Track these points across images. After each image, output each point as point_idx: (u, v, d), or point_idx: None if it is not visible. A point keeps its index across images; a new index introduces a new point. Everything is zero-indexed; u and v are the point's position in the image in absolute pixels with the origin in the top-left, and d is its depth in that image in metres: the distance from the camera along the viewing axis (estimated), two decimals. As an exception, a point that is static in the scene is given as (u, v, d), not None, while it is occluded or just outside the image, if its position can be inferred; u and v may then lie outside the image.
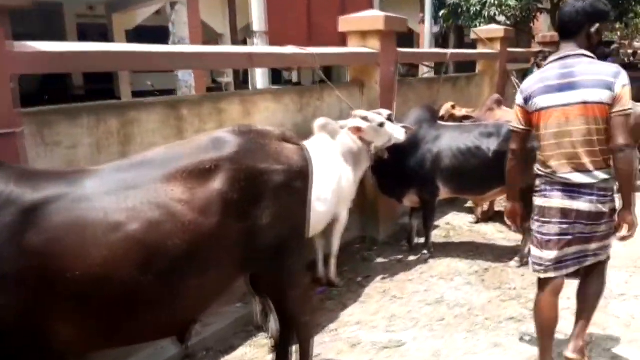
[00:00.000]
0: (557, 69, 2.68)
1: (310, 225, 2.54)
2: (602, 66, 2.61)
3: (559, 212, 2.72)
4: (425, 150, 4.73)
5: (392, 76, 5.09)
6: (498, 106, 5.69)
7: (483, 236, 5.60)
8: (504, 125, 4.65)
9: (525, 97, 2.79)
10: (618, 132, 2.53)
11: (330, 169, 3.90)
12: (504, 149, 4.18)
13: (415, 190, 4.82)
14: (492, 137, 4.64)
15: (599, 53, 2.76)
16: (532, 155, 3.04)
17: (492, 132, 4.67)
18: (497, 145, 4.56)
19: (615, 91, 2.52)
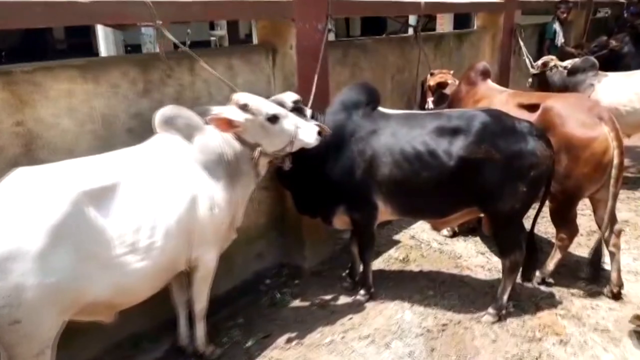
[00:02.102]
0: None
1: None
2: None
3: None
4: (355, 151, 3.16)
5: (317, 37, 3.48)
6: (482, 79, 4.02)
7: (455, 260, 4.06)
8: (476, 116, 3.05)
9: None
10: None
11: (173, 188, 2.43)
12: (476, 154, 2.92)
13: (345, 208, 3.29)
14: (457, 136, 3.01)
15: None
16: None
17: (458, 126, 3.04)
18: (464, 149, 2.97)
19: None
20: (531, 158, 2.95)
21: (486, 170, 2.94)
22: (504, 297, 3.27)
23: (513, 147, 2.94)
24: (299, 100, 3.03)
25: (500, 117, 3.06)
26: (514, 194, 2.97)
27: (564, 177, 3.36)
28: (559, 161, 3.32)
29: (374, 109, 3.27)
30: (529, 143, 2.96)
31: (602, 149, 3.26)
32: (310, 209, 3.35)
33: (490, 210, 3.10)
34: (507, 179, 2.95)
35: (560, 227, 3.58)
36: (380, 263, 4.03)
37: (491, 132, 2.97)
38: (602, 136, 3.26)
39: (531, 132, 3.01)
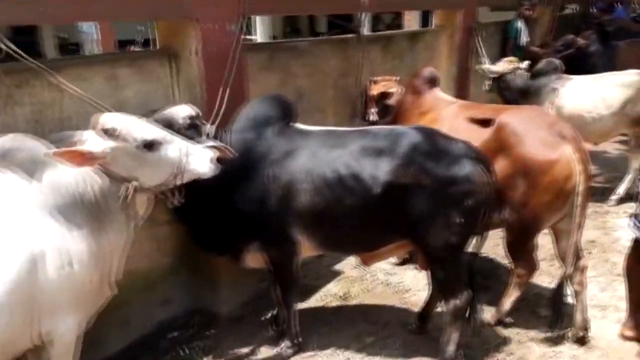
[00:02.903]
0: None
1: None
2: None
3: None
4: (269, 176, 2.61)
5: (228, 40, 2.89)
6: (429, 88, 3.48)
7: (402, 296, 3.55)
8: (405, 134, 2.58)
9: None
10: None
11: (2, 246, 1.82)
12: (404, 178, 2.50)
13: (259, 245, 2.72)
14: (383, 157, 2.55)
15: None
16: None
17: (384, 146, 2.57)
18: (391, 172, 2.51)
19: None
20: (466, 184, 2.52)
21: (415, 196, 2.52)
22: (450, 347, 2.76)
23: (446, 171, 2.52)
24: (196, 115, 2.45)
25: (431, 136, 2.62)
26: (447, 225, 2.54)
27: (521, 205, 2.88)
28: (515, 187, 2.87)
29: (289, 125, 2.71)
30: (465, 167, 2.53)
31: (565, 174, 2.78)
32: (215, 246, 2.77)
33: (423, 244, 2.66)
34: (439, 208, 2.53)
35: (517, 261, 3.10)
36: (316, 301, 3.49)
37: (421, 153, 2.54)
38: (564, 158, 2.78)
39: (467, 155, 2.57)
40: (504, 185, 2.88)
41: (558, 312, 2.98)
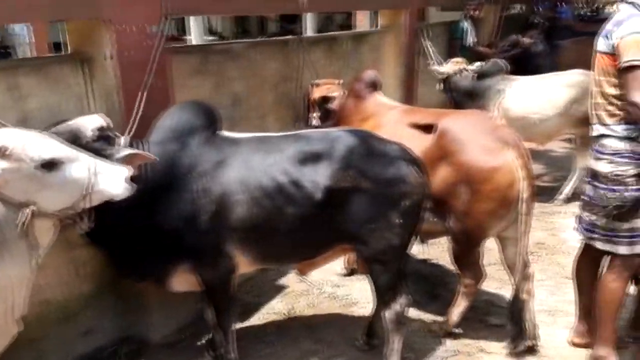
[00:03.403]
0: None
1: None
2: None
3: None
4: (197, 191, 2.39)
5: (148, 43, 2.64)
6: (371, 92, 3.33)
7: (349, 309, 3.39)
8: (340, 138, 2.50)
9: None
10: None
11: None
12: (343, 182, 2.42)
13: (189, 265, 2.49)
14: (321, 161, 2.44)
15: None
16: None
17: (321, 151, 2.46)
18: (330, 177, 2.41)
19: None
20: (403, 185, 2.49)
21: (354, 200, 2.45)
22: (393, 358, 2.67)
23: (383, 173, 2.48)
24: (106, 126, 2.20)
25: (367, 139, 2.57)
26: (386, 227, 2.50)
27: (465, 214, 2.78)
28: (458, 195, 2.78)
29: (216, 134, 2.51)
30: (401, 168, 2.50)
31: (507, 181, 2.69)
32: (135, 270, 2.52)
33: (363, 247, 2.56)
34: (378, 210, 2.48)
35: (463, 270, 3.00)
36: (258, 319, 3.29)
37: (358, 156, 2.48)
38: (506, 165, 2.69)
39: (402, 156, 2.54)
40: (447, 194, 2.80)
41: (518, 325, 2.89)
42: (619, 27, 2.38)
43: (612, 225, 2.53)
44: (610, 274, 2.61)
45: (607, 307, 2.64)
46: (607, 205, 2.52)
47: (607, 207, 2.52)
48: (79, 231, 2.06)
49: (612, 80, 2.45)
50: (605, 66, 2.47)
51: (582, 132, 4.79)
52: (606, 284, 2.62)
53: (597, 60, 2.52)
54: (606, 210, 2.53)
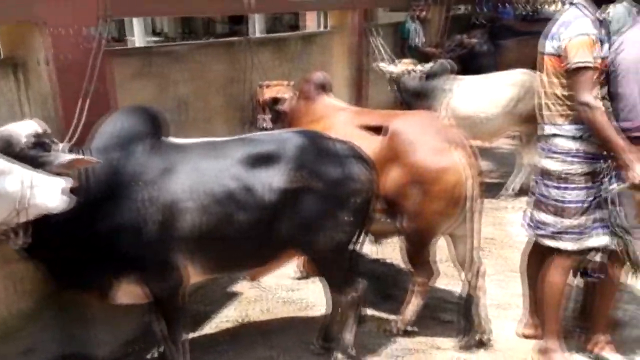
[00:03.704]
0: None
1: None
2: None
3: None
4: (143, 200, 2.29)
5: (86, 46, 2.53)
6: (320, 93, 3.31)
7: (305, 312, 3.37)
8: (290, 139, 2.51)
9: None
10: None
11: None
12: (296, 183, 2.41)
13: (136, 277, 2.40)
14: (272, 164, 2.42)
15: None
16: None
17: (271, 152, 2.44)
18: (283, 179, 2.40)
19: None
20: (353, 184, 2.53)
21: (307, 201, 2.45)
22: (349, 335, 2.80)
23: (334, 172, 2.51)
24: (42, 133, 2.08)
25: (316, 139, 2.60)
26: (338, 226, 2.54)
27: (415, 214, 2.81)
28: (408, 196, 2.81)
29: (162, 140, 2.43)
30: (350, 167, 2.54)
31: (456, 181, 2.75)
32: (78, 284, 2.40)
33: (314, 247, 2.59)
34: (330, 209, 2.51)
35: (415, 269, 3.04)
36: (211, 328, 3.22)
37: (309, 156, 2.49)
38: (454, 165, 2.75)
39: (352, 154, 2.59)
40: (398, 194, 2.83)
41: (469, 320, 2.95)
42: (565, 29, 2.44)
43: (560, 223, 2.60)
44: (553, 269, 2.69)
45: (551, 300, 2.73)
46: (556, 203, 2.60)
47: (556, 205, 2.60)
48: (13, 247, 1.94)
49: (561, 82, 2.51)
50: (552, 68, 2.53)
51: (527, 130, 4.96)
52: (550, 279, 2.70)
53: (544, 62, 2.58)
54: (555, 208, 2.60)
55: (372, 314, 3.28)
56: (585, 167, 2.52)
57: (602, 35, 2.45)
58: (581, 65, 2.36)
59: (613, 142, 2.36)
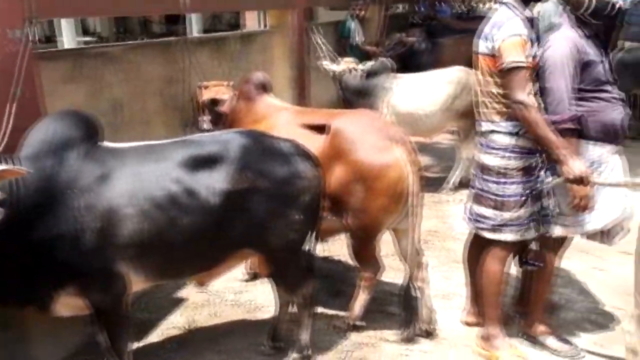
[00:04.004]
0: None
1: None
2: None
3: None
4: (79, 208, 2.20)
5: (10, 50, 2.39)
6: (261, 93, 3.30)
7: (254, 314, 3.35)
8: (233, 139, 2.48)
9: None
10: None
11: None
12: (240, 184, 2.39)
13: (75, 288, 2.30)
14: (215, 165, 2.38)
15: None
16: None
17: (214, 154, 2.40)
18: (226, 180, 2.36)
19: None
20: (300, 181, 2.53)
21: (254, 201, 2.43)
22: (305, 335, 2.80)
23: (280, 171, 2.50)
24: None
25: (260, 138, 2.59)
26: (288, 225, 2.54)
27: (360, 211, 2.85)
28: (353, 193, 2.84)
29: (97, 145, 2.34)
30: (296, 165, 2.54)
31: (398, 177, 2.80)
32: (13, 298, 2.27)
33: (266, 248, 2.58)
34: (279, 208, 2.50)
35: (362, 264, 3.08)
36: (157, 336, 3.13)
37: (253, 156, 2.47)
38: (396, 162, 2.81)
39: (297, 152, 2.58)
40: (343, 192, 2.86)
41: (410, 311, 3.01)
42: (498, 30, 2.52)
43: (500, 216, 2.69)
44: (491, 259, 2.79)
45: (490, 288, 2.83)
46: (495, 197, 2.69)
47: (496, 199, 2.69)
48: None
49: (495, 80, 2.59)
50: (487, 67, 2.61)
51: (464, 125, 5.13)
52: (488, 268, 2.81)
53: (479, 62, 2.65)
54: (494, 202, 2.70)
55: (322, 312, 3.30)
56: (522, 161, 2.62)
57: (532, 34, 2.55)
58: (514, 65, 2.45)
59: (547, 139, 2.46)
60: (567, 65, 2.52)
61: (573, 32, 2.58)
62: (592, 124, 2.62)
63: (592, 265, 3.85)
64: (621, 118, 2.67)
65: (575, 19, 2.61)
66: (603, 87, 2.63)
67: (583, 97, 2.61)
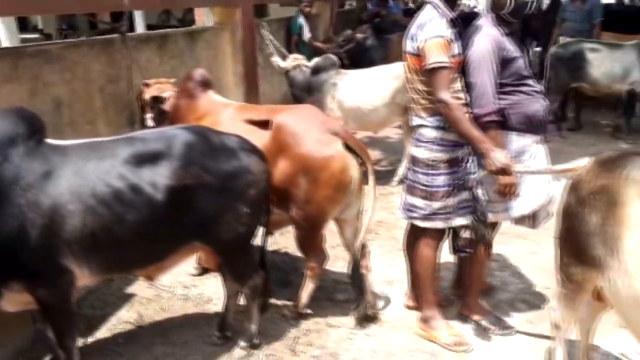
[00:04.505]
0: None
1: None
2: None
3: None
4: (23, 205, 2.22)
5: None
6: (203, 91, 3.35)
7: (203, 307, 3.41)
8: (177, 135, 2.53)
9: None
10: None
11: None
12: (186, 180, 2.45)
13: (22, 284, 2.32)
14: (160, 161, 2.44)
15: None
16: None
17: (158, 150, 2.46)
18: (171, 176, 2.42)
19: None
20: (247, 176, 2.63)
21: (200, 196, 2.51)
22: (253, 325, 2.94)
23: (226, 166, 2.57)
24: None
25: (205, 134, 2.64)
26: (236, 218, 2.63)
27: (305, 202, 2.95)
28: (298, 185, 2.93)
29: (41, 143, 2.36)
30: (243, 160, 2.63)
31: (340, 168, 2.92)
32: None
33: (215, 242, 2.67)
34: (226, 203, 2.58)
35: (308, 255, 3.18)
36: (105, 332, 3.15)
37: (198, 152, 2.53)
38: (338, 154, 2.92)
39: (242, 147, 2.67)
40: (288, 185, 2.94)
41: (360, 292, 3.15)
42: (422, 30, 2.64)
43: (429, 206, 2.84)
44: (424, 246, 2.95)
45: (425, 273, 3.00)
46: (425, 188, 2.84)
47: (425, 189, 2.84)
48: None
49: (420, 78, 2.72)
50: (414, 65, 2.74)
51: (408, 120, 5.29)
52: (421, 254, 2.97)
53: (407, 60, 2.79)
54: (424, 193, 2.85)
55: (272, 302, 3.38)
56: (449, 154, 2.78)
57: (455, 34, 2.69)
58: (436, 65, 2.57)
59: (469, 135, 2.61)
60: (490, 62, 2.69)
61: (494, 30, 2.74)
62: (515, 116, 2.81)
63: (528, 250, 4.08)
64: (542, 110, 2.86)
65: (495, 18, 2.77)
66: (524, 81, 2.82)
67: (506, 91, 2.78)
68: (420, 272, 3.01)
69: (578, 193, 2.21)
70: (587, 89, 6.82)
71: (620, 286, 2.00)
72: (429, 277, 3.00)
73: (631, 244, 1.97)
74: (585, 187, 2.18)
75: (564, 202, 2.32)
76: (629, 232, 1.98)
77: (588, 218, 2.13)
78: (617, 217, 2.02)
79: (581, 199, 2.18)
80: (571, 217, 2.25)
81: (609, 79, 6.60)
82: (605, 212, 2.06)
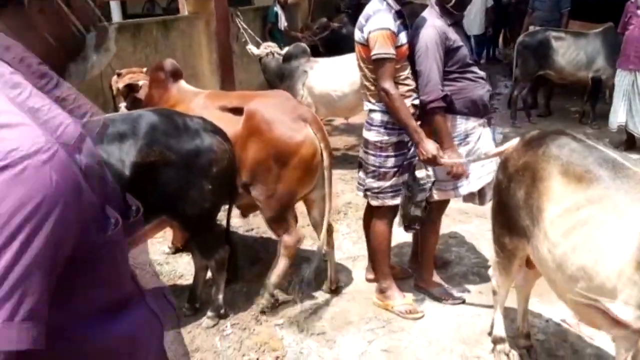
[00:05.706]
0: None
1: None
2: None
3: None
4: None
5: None
6: (174, 80, 3.49)
7: (174, 282, 3.62)
8: (142, 117, 2.72)
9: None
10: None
11: None
12: (149, 158, 2.62)
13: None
14: (126, 141, 2.62)
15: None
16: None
17: (124, 131, 2.64)
18: (136, 155, 2.60)
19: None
20: (209, 154, 2.83)
21: (165, 174, 2.71)
22: (220, 296, 3.16)
23: (188, 145, 2.77)
24: None
25: (169, 116, 2.84)
26: (200, 195, 2.84)
27: (275, 184, 3.10)
28: (269, 168, 3.09)
29: None
30: (205, 139, 2.83)
31: (310, 153, 3.08)
32: None
33: (181, 216, 2.88)
34: (189, 180, 2.79)
35: (280, 233, 3.34)
36: (83, 305, 3.34)
37: (162, 132, 2.73)
38: (308, 139, 3.08)
39: (205, 128, 2.87)
40: (260, 168, 3.09)
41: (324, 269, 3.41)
42: (367, 22, 2.81)
43: (378, 184, 3.07)
44: (378, 221, 3.18)
45: (379, 247, 3.22)
46: (376, 168, 3.05)
47: (376, 170, 3.05)
48: None
49: (368, 67, 2.93)
50: (362, 55, 2.94)
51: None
52: (376, 229, 3.19)
53: (357, 49, 2.97)
54: (374, 173, 3.07)
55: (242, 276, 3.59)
56: (397, 137, 2.99)
57: (400, 25, 2.88)
58: (381, 56, 2.75)
59: (405, 124, 2.82)
60: (436, 50, 2.89)
61: (439, 21, 2.95)
62: (461, 101, 3.02)
63: (486, 228, 4.25)
64: (486, 94, 3.09)
65: (440, 10, 2.98)
66: (468, 69, 3.03)
67: (452, 78, 3.00)
68: (375, 246, 3.24)
69: (507, 170, 2.43)
70: (554, 76, 7.05)
71: (543, 252, 2.22)
72: (383, 250, 3.22)
73: (551, 214, 2.19)
74: (512, 164, 2.40)
75: (496, 179, 2.55)
76: (549, 204, 2.21)
77: (515, 193, 2.35)
78: (539, 191, 2.24)
79: (509, 175, 2.40)
80: (502, 192, 2.48)
81: (574, 67, 6.84)
82: (530, 187, 2.28)
